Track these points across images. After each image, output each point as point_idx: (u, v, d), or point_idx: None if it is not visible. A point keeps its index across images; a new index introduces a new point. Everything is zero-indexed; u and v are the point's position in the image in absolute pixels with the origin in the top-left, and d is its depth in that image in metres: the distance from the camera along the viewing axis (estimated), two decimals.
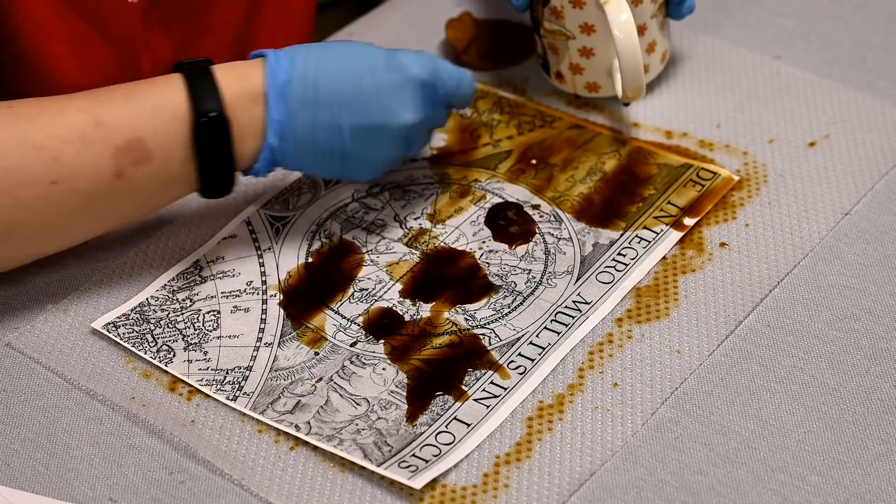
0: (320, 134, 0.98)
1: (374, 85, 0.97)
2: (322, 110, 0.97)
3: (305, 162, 0.99)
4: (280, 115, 0.97)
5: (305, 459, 0.91)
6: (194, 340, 0.98)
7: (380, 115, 0.97)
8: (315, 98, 0.97)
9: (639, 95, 1.08)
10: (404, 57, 0.99)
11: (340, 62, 0.98)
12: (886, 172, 1.06)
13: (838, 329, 0.96)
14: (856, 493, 0.86)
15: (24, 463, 0.92)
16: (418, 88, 0.98)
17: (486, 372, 0.94)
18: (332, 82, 0.97)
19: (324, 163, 0.99)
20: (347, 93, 0.97)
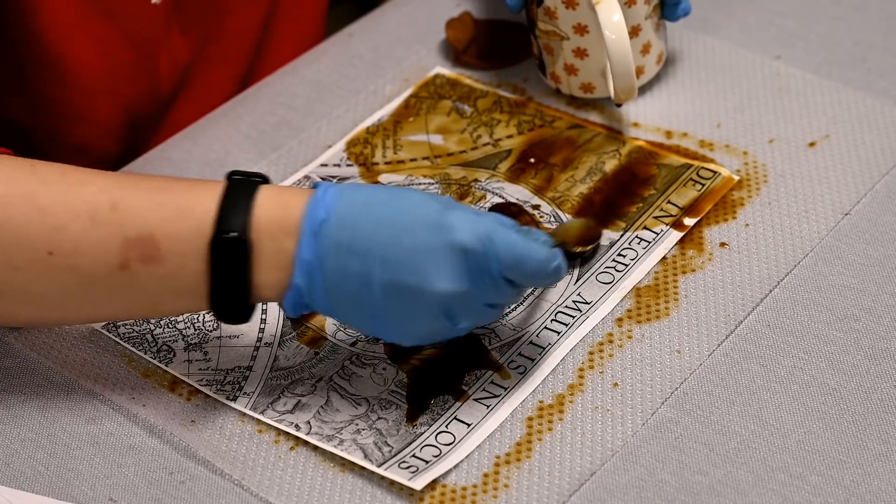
0: (350, 283, 0.87)
1: (412, 243, 0.86)
2: (354, 259, 0.86)
3: (337, 310, 0.88)
4: (310, 255, 0.86)
5: (305, 459, 0.91)
6: (194, 340, 0.98)
7: (412, 277, 0.86)
8: (350, 244, 0.86)
9: (631, 97, 1.08)
10: (456, 218, 0.86)
11: (386, 211, 0.87)
12: (886, 172, 1.06)
13: (838, 329, 0.96)
14: (856, 493, 0.86)
15: (24, 463, 0.92)
16: (461, 256, 0.86)
17: (486, 372, 0.94)
18: (370, 230, 0.86)
19: (356, 316, 0.88)
20: (382, 245, 0.86)
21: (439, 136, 1.12)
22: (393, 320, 0.88)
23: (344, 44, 1.22)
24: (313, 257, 0.86)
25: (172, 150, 1.13)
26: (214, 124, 1.15)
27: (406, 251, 0.86)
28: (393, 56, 1.19)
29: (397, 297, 0.86)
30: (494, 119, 1.13)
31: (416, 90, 1.16)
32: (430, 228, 0.86)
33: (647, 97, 1.13)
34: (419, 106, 1.14)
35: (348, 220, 0.87)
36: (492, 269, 0.86)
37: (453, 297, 0.86)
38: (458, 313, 0.87)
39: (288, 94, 1.17)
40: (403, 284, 0.86)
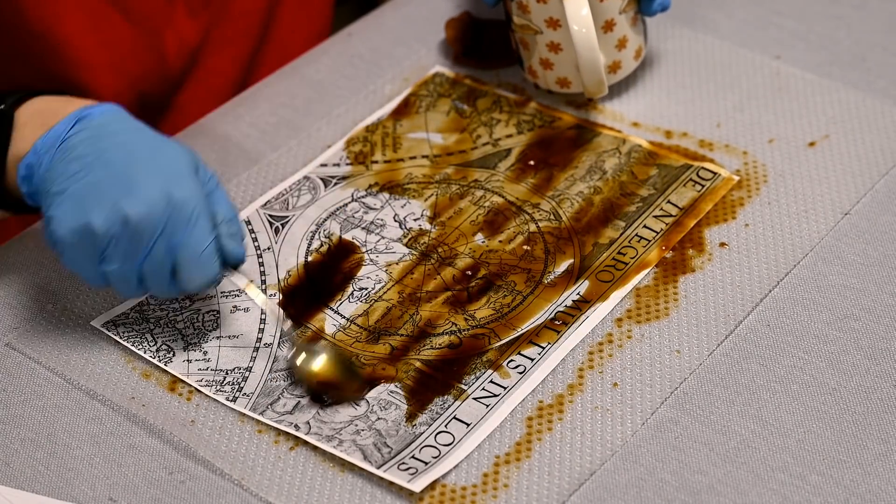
0: (70, 166, 0.93)
1: (145, 167, 0.92)
2: (85, 152, 0.93)
3: (46, 180, 0.94)
4: (59, 133, 0.94)
5: (305, 459, 0.91)
6: (194, 340, 0.98)
7: (115, 187, 0.91)
8: (95, 139, 0.94)
9: (601, 91, 1.08)
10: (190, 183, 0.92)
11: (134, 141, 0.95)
12: (886, 172, 1.06)
13: (838, 329, 0.96)
14: (856, 493, 0.86)
15: (24, 463, 0.92)
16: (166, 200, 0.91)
17: (486, 371, 0.94)
18: (114, 142, 0.94)
19: (53, 188, 0.93)
20: (110, 158, 0.93)
21: (439, 135, 1.12)
22: (71, 206, 0.91)
23: (344, 44, 1.22)
24: (62, 131, 0.94)
25: None
26: (214, 124, 1.15)
27: (132, 170, 0.92)
28: (393, 56, 1.19)
29: (92, 191, 0.91)
30: (494, 119, 1.13)
31: (416, 89, 1.16)
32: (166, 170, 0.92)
33: (646, 96, 1.13)
34: (418, 105, 1.14)
35: (109, 127, 0.94)
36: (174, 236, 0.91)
37: (124, 224, 0.90)
38: (118, 247, 0.91)
39: (288, 94, 1.17)
40: (103, 186, 0.91)
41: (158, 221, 0.91)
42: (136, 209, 0.90)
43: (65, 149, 0.94)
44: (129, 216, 0.90)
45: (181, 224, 0.91)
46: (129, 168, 0.92)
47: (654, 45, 1.17)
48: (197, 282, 0.93)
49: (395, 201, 1.07)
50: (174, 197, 0.91)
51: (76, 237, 0.92)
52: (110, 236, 0.91)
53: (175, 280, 0.93)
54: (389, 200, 1.07)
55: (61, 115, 0.96)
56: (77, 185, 0.92)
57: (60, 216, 0.92)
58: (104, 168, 0.92)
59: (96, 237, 0.91)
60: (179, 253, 0.92)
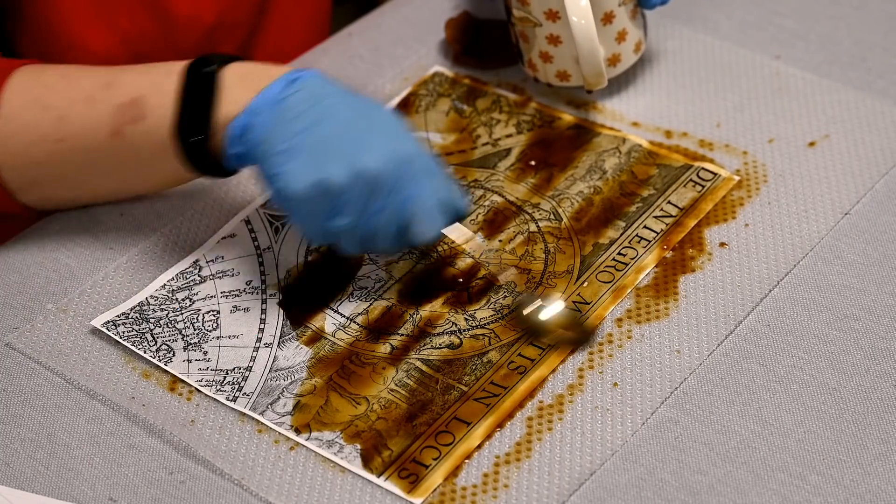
0: (296, 124, 0.94)
1: (367, 124, 0.95)
2: (312, 108, 0.94)
3: (267, 139, 0.94)
4: (275, 93, 0.95)
5: (305, 459, 0.91)
6: (194, 340, 0.98)
7: (349, 146, 0.93)
8: (317, 95, 0.95)
9: (600, 82, 1.08)
10: (411, 139, 0.96)
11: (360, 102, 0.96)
12: (886, 172, 1.06)
13: (838, 329, 0.96)
14: (856, 493, 0.86)
15: (24, 463, 0.92)
16: (405, 160, 0.93)
17: (486, 371, 0.94)
18: (339, 99, 0.95)
19: (278, 147, 0.94)
20: (340, 113, 0.95)
21: (438, 134, 1.12)
22: (305, 161, 0.92)
23: (344, 44, 1.22)
24: (278, 92, 0.94)
25: None
26: None
27: (358, 127, 0.93)
28: (393, 56, 1.19)
29: (325, 147, 0.92)
30: (493, 119, 1.13)
31: (415, 88, 1.16)
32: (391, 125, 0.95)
33: (646, 96, 1.13)
34: (418, 104, 1.14)
35: (321, 88, 0.95)
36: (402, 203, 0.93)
37: (362, 178, 0.91)
38: (350, 203, 0.92)
39: None
40: (335, 142, 0.92)
41: (393, 176, 0.92)
42: (373, 163, 0.91)
43: (284, 108, 0.94)
44: (366, 170, 0.91)
45: (413, 178, 0.93)
46: (357, 125, 0.94)
47: (654, 45, 1.17)
48: (426, 235, 0.95)
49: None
50: (405, 152, 0.93)
51: (312, 191, 0.92)
52: (347, 190, 0.92)
53: (399, 237, 0.95)
54: None
55: (270, 78, 0.96)
56: (308, 142, 0.93)
57: (294, 171, 0.92)
58: (332, 125, 0.93)
59: (333, 191, 0.92)
60: (412, 207, 0.93)
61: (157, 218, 1.07)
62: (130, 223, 1.07)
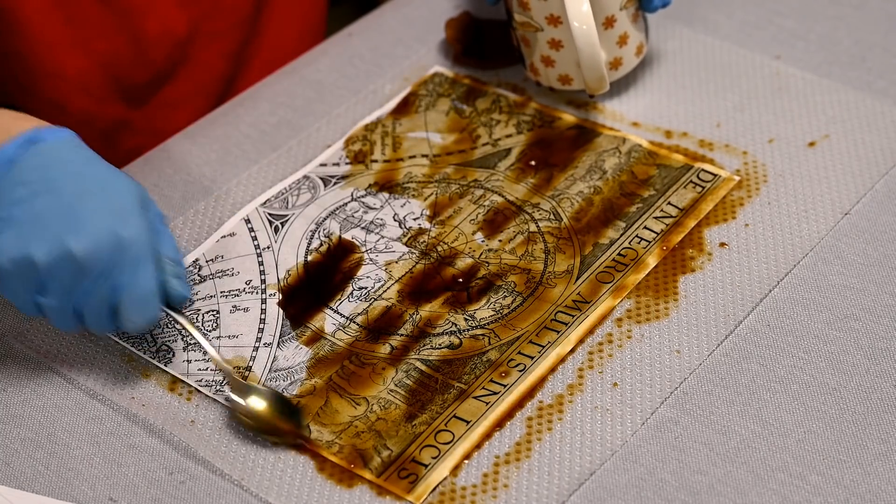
0: (16, 191, 0.90)
1: (93, 203, 0.89)
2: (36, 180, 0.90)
3: None
4: (7, 156, 0.90)
5: (305, 460, 0.91)
6: (193, 340, 0.98)
7: (64, 219, 0.88)
8: (42, 167, 0.90)
9: (602, 87, 1.08)
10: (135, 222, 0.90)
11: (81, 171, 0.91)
12: (886, 172, 1.06)
13: (838, 329, 0.96)
14: (856, 493, 0.86)
15: (24, 463, 0.92)
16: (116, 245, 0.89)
17: (486, 370, 0.94)
18: (63, 170, 0.91)
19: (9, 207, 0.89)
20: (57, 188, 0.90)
21: (438, 134, 1.12)
22: (13, 235, 0.88)
23: (344, 44, 1.22)
24: (11, 155, 0.89)
25: (172, 150, 1.13)
26: (214, 124, 1.15)
27: (79, 205, 0.89)
28: (393, 56, 1.19)
29: (37, 221, 0.88)
30: (493, 119, 1.13)
31: (415, 88, 1.16)
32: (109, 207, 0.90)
33: (646, 96, 1.13)
34: (418, 104, 1.14)
35: (60, 155, 0.90)
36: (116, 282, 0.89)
37: (67, 259, 0.87)
38: (57, 282, 0.88)
39: (288, 94, 1.17)
40: (49, 217, 0.88)
41: (103, 260, 0.88)
42: (81, 245, 0.88)
43: (11, 173, 0.90)
44: (73, 252, 0.88)
45: (126, 264, 0.89)
46: (78, 201, 0.89)
47: (654, 46, 1.17)
48: (138, 322, 0.91)
49: (394, 201, 1.07)
50: (121, 236, 0.88)
51: (15, 267, 0.89)
52: (51, 270, 0.88)
53: (114, 318, 0.91)
54: (389, 200, 1.07)
55: (10, 133, 0.91)
56: (22, 213, 0.89)
57: (2, 244, 0.89)
58: (52, 198, 0.89)
59: (37, 269, 0.88)
60: (123, 293, 0.89)
61: None
62: None
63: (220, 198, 1.08)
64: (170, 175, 1.10)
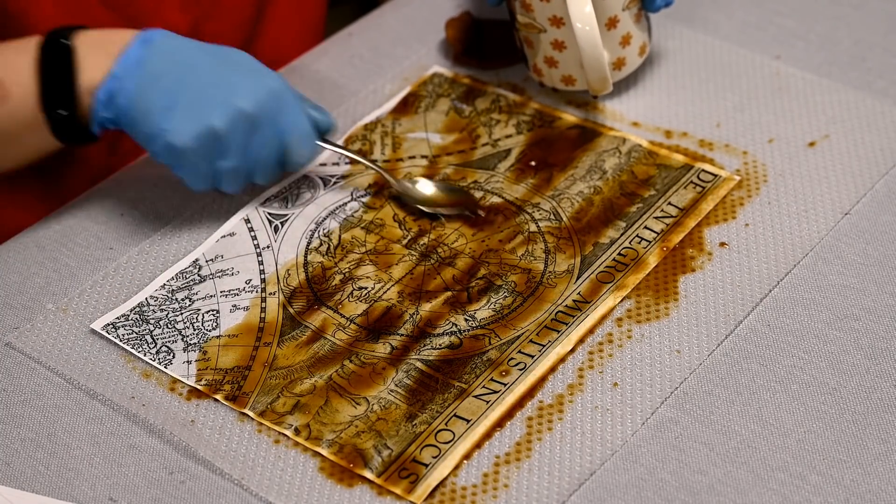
0: (163, 81, 0.99)
1: (233, 69, 1.00)
2: (175, 66, 1.00)
3: (139, 101, 0.99)
4: (136, 53, 0.99)
5: (305, 459, 0.91)
6: (193, 341, 0.98)
7: (218, 90, 0.99)
8: (174, 54, 1.00)
9: (605, 88, 1.08)
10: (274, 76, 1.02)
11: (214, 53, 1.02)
12: (886, 172, 1.06)
13: (838, 329, 0.96)
14: (856, 493, 0.86)
15: (24, 463, 0.92)
16: (273, 94, 1.00)
17: (487, 370, 0.94)
18: (196, 52, 1.01)
19: (153, 108, 0.99)
20: (202, 64, 1.00)
21: (438, 135, 1.12)
22: (185, 115, 0.98)
23: (344, 44, 1.22)
24: (138, 55, 0.99)
25: None
26: None
27: (223, 74, 1.00)
28: (393, 56, 1.19)
29: (200, 98, 0.99)
30: (493, 119, 1.13)
31: (415, 88, 1.16)
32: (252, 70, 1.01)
33: (646, 96, 1.13)
34: (417, 104, 1.14)
35: (175, 44, 1.01)
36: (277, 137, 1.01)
37: (242, 118, 0.98)
38: (227, 149, 0.99)
39: None
40: (208, 91, 0.99)
41: (267, 110, 0.99)
42: (248, 103, 0.99)
43: (148, 69, 0.99)
44: (244, 110, 0.98)
45: (284, 108, 1.00)
46: (222, 71, 1.00)
47: (655, 46, 1.17)
48: (303, 158, 1.03)
49: (394, 201, 1.07)
50: (273, 87, 1.00)
51: (199, 141, 0.98)
52: (230, 133, 0.98)
53: (279, 164, 1.03)
54: (389, 200, 1.07)
55: (124, 41, 1.00)
56: (182, 96, 0.98)
57: (178, 126, 0.98)
58: (197, 76, 0.99)
59: (218, 136, 0.98)
60: (288, 136, 1.01)
61: (157, 218, 1.07)
62: (130, 223, 1.07)
63: (219, 198, 1.08)
64: (170, 175, 1.10)
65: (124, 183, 1.10)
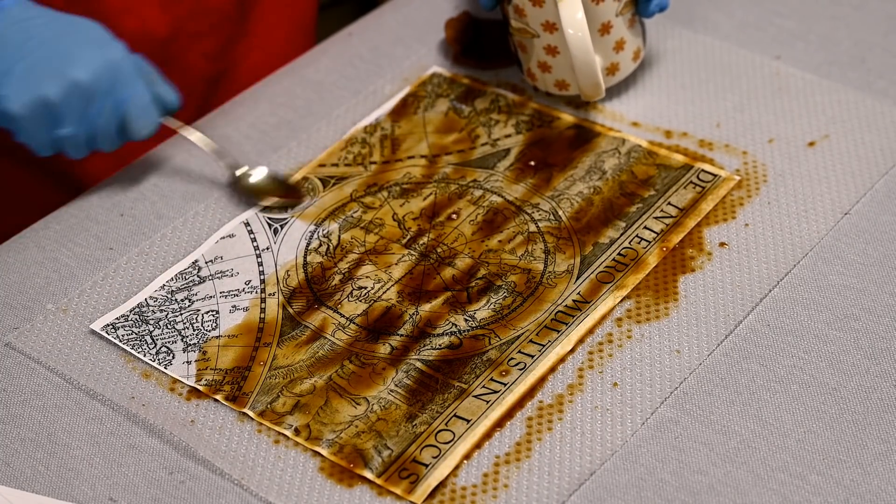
0: (4, 48, 1.00)
1: (74, 39, 1.01)
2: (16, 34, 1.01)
3: None
4: None
5: (305, 459, 0.91)
6: (193, 341, 0.98)
7: (58, 57, 1.00)
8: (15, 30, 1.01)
9: (597, 94, 1.08)
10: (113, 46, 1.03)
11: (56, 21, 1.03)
12: (886, 172, 1.06)
13: (838, 329, 0.96)
14: (856, 493, 0.86)
15: (24, 463, 0.92)
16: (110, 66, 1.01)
17: (487, 370, 0.94)
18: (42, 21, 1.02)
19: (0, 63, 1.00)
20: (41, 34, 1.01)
21: (437, 135, 1.12)
22: (20, 82, 0.99)
23: (344, 44, 1.22)
24: None
25: (172, 150, 1.13)
26: (214, 124, 1.15)
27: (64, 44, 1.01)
28: (392, 56, 1.19)
29: (36, 66, 1.00)
30: (492, 119, 1.13)
31: (414, 89, 1.16)
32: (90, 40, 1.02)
33: (646, 96, 1.13)
34: (417, 105, 1.14)
35: (25, 14, 1.02)
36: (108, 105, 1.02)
37: (76, 89, 1.00)
38: (71, 111, 1.01)
39: (288, 95, 1.17)
40: (45, 61, 1.00)
41: (105, 81, 1.01)
42: (84, 75, 1.00)
43: None
44: (78, 81, 1.00)
45: (123, 82, 1.02)
46: (64, 41, 1.01)
47: (654, 46, 1.17)
48: (145, 130, 1.04)
49: (393, 201, 1.07)
50: (112, 59, 1.01)
51: (32, 109, 1.00)
52: (64, 102, 1.00)
53: (122, 133, 1.03)
54: (388, 200, 1.07)
55: None
56: (18, 64, 1.00)
57: (11, 94, 0.99)
58: (39, 45, 1.00)
59: (51, 105, 1.00)
60: (126, 106, 1.02)
61: (157, 218, 1.07)
62: (130, 223, 1.07)
63: (220, 198, 1.08)
64: (170, 175, 1.10)
65: (124, 183, 1.10)
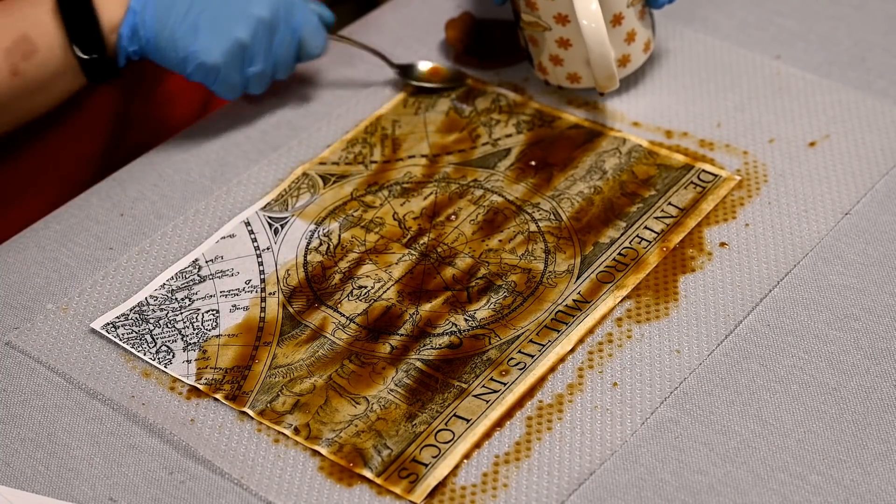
0: (177, 7, 1.06)
1: None
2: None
3: (162, 30, 1.06)
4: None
5: (305, 459, 0.91)
6: (193, 340, 0.98)
7: (233, 1, 1.07)
8: None
9: (612, 84, 1.08)
10: None
11: None
12: (886, 172, 1.06)
13: (838, 329, 0.95)
14: (856, 493, 0.86)
15: (24, 463, 0.92)
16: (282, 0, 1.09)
17: (486, 369, 0.94)
18: None
19: (177, 32, 1.06)
20: None
21: (438, 134, 1.12)
22: (211, 34, 1.06)
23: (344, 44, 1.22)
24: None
25: (172, 150, 1.13)
26: (214, 124, 1.15)
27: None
28: (393, 56, 1.19)
29: (220, 15, 1.06)
30: (493, 119, 1.13)
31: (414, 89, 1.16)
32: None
33: (647, 96, 1.13)
34: (417, 104, 1.14)
35: None
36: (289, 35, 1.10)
37: (262, 25, 1.07)
38: (260, 48, 1.08)
39: (288, 94, 1.17)
40: (224, 9, 1.07)
41: (281, 13, 1.08)
42: (264, 10, 1.07)
43: None
44: (262, 17, 1.07)
45: (293, 9, 1.09)
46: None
47: (655, 46, 1.17)
48: (319, 48, 1.12)
49: (394, 200, 1.07)
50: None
51: (230, 55, 1.07)
52: (255, 40, 1.07)
53: (297, 59, 1.12)
54: (388, 199, 1.07)
55: None
56: (201, 17, 1.06)
57: (206, 46, 1.06)
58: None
59: (245, 46, 1.07)
60: (302, 31, 1.10)
61: (157, 218, 1.07)
62: (130, 223, 1.07)
63: (220, 198, 1.08)
64: (170, 175, 1.10)
65: (124, 183, 1.10)
